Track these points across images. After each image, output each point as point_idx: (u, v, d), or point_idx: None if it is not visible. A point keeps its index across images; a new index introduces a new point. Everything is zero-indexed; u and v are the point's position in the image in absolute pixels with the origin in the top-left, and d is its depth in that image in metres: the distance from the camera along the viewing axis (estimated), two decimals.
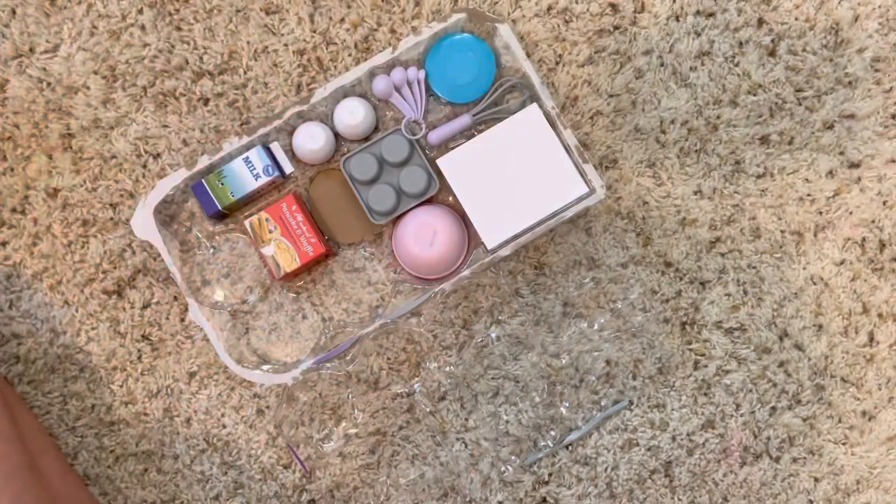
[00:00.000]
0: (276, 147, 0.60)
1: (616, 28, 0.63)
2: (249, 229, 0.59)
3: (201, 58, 0.63)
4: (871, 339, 0.64)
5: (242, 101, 0.63)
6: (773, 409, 0.63)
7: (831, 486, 0.64)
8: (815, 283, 0.63)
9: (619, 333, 0.63)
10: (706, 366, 0.63)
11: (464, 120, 0.60)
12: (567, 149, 0.58)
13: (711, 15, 0.63)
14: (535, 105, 0.58)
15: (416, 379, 0.63)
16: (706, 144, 0.63)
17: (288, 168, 0.61)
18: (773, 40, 0.63)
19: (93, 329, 0.63)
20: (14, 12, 0.63)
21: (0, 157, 0.64)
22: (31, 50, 0.63)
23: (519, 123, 0.58)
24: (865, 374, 0.63)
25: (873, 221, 0.63)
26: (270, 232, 0.58)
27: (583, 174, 0.58)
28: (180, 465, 0.64)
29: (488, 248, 0.58)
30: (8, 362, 0.63)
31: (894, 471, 0.64)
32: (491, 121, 0.60)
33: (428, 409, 0.63)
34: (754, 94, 0.63)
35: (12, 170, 0.63)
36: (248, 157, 0.59)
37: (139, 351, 0.63)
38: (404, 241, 0.59)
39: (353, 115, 0.59)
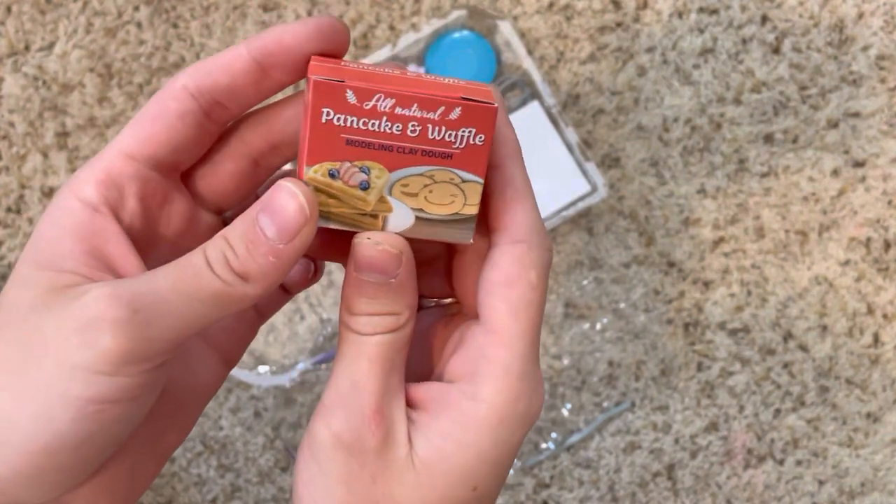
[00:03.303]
0: None
1: (618, 25, 0.62)
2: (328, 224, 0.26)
3: (198, 55, 0.63)
4: (876, 339, 0.63)
5: None
6: (778, 410, 0.63)
7: (836, 488, 0.63)
8: (819, 284, 0.63)
9: (621, 334, 0.63)
10: (710, 367, 0.63)
11: None
12: (569, 147, 0.58)
13: (715, 12, 0.62)
14: (536, 103, 0.58)
15: None
16: (710, 143, 0.62)
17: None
18: (776, 38, 0.62)
19: None
20: (9, 10, 0.63)
21: None
22: (27, 48, 0.63)
23: (520, 121, 0.57)
24: (870, 375, 0.63)
25: (878, 221, 0.63)
26: (362, 176, 0.25)
27: (585, 173, 0.58)
28: (177, 467, 0.63)
29: None
30: None
31: None
32: None
33: None
34: (758, 92, 0.62)
35: (7, 169, 0.63)
36: None
37: None
38: None
39: None
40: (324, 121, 0.24)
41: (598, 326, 0.63)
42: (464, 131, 0.25)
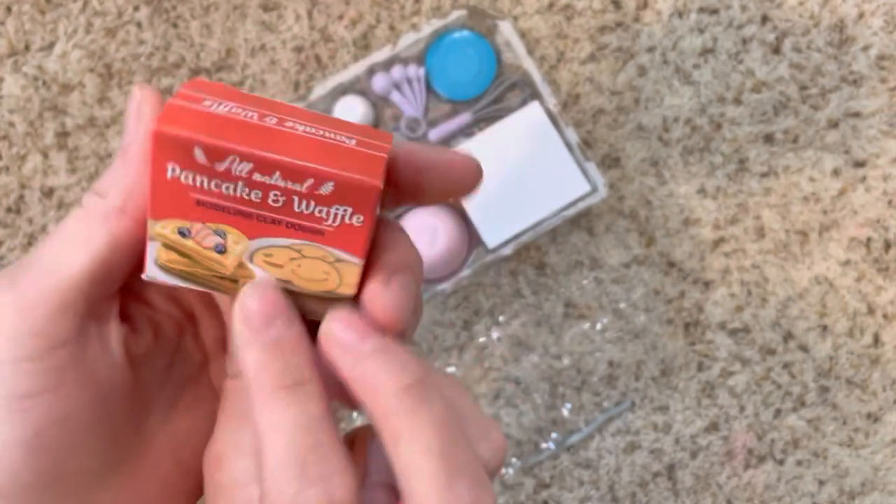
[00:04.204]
0: None
1: (618, 25, 0.62)
2: (166, 276, 0.22)
3: (198, 55, 0.63)
4: (877, 340, 0.63)
5: None
6: (778, 411, 0.63)
7: (836, 488, 0.63)
8: (819, 284, 0.63)
9: (621, 334, 0.63)
10: (710, 367, 0.63)
11: (464, 118, 0.59)
12: (569, 147, 0.58)
13: (715, 12, 0.62)
14: (536, 103, 0.58)
15: None
16: (710, 143, 0.62)
17: None
18: (777, 37, 0.62)
19: None
20: (9, 10, 0.63)
21: None
22: (27, 48, 0.63)
23: (520, 121, 0.57)
24: (871, 375, 0.63)
25: (878, 221, 0.63)
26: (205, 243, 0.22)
27: (585, 173, 0.58)
28: None
29: (489, 247, 0.58)
30: None
31: None
32: (492, 119, 0.60)
33: None
34: (758, 92, 0.62)
35: (7, 169, 0.63)
36: None
37: None
38: None
39: (352, 113, 0.58)
40: (169, 177, 0.20)
41: (598, 326, 0.63)
42: (338, 209, 0.21)
